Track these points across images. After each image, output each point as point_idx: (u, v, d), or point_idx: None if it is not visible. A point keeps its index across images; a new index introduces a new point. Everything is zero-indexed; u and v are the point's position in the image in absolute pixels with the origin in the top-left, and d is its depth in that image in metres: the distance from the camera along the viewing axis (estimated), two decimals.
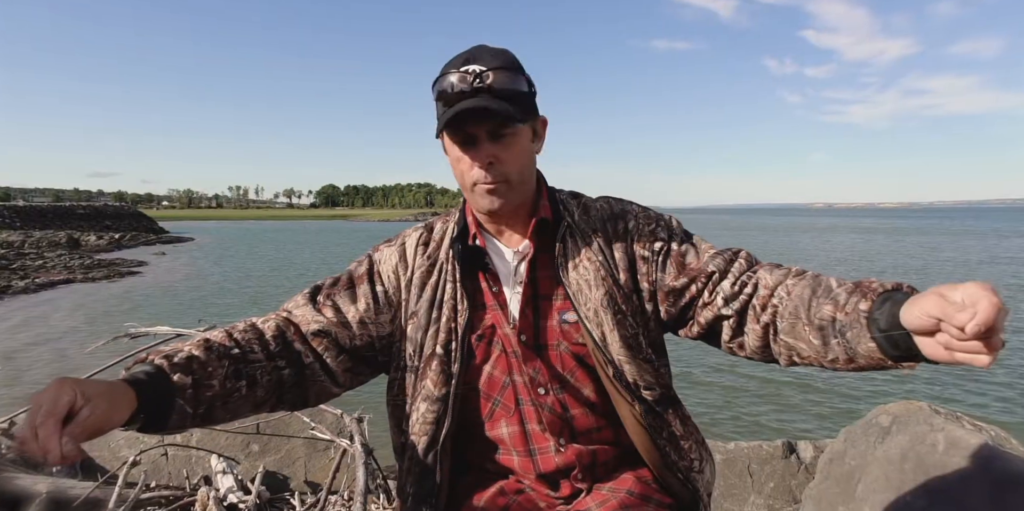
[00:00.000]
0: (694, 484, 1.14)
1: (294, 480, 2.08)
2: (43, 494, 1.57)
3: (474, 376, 1.09)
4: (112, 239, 39.95)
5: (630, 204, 1.18)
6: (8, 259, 25.99)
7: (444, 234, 1.15)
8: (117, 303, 16.86)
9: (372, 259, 1.16)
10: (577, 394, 1.10)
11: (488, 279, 1.10)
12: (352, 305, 1.09)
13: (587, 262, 1.07)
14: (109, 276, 23.08)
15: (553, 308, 1.09)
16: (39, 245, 33.46)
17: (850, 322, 0.84)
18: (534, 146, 1.08)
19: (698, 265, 1.07)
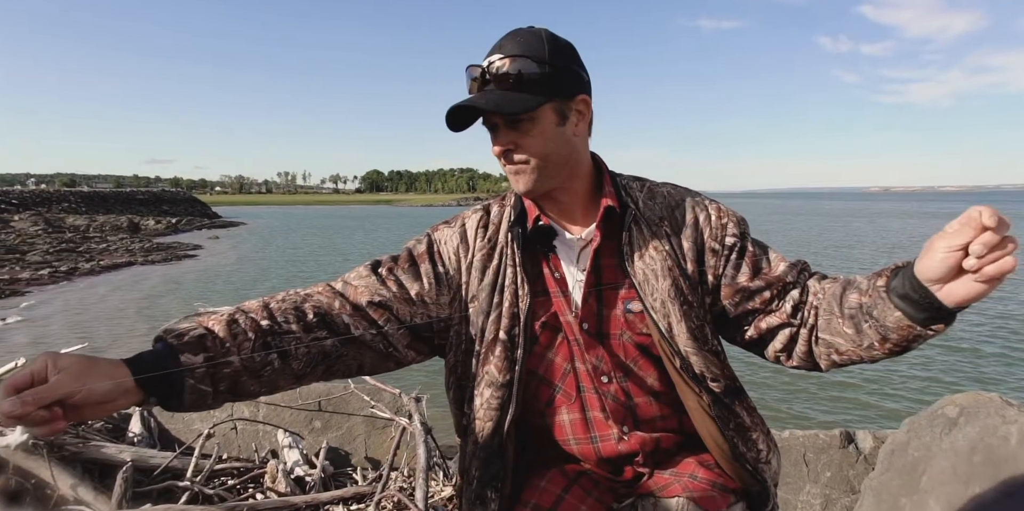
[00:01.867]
0: (762, 475, 1.13)
1: (355, 456, 2.15)
2: (127, 462, 1.67)
3: (536, 362, 1.09)
4: (169, 223, 41.58)
5: (698, 194, 1.15)
6: (75, 242, 27.39)
7: (502, 217, 1.14)
8: (176, 285, 17.60)
9: (432, 238, 1.14)
10: (641, 383, 1.09)
11: (550, 265, 1.09)
12: (415, 283, 1.08)
13: (653, 251, 1.06)
14: (167, 259, 24.09)
15: (618, 297, 1.07)
16: (102, 229, 35.12)
17: (874, 301, 0.88)
18: (566, 129, 1.03)
19: (774, 272, 1.06)
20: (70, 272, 19.80)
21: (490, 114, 1.00)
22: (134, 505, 1.55)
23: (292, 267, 21.60)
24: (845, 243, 27.87)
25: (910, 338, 0.87)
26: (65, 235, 30.94)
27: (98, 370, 0.77)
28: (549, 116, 1.01)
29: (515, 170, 1.02)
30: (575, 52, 1.05)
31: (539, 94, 0.98)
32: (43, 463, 1.50)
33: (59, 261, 21.69)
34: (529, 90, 0.98)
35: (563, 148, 1.03)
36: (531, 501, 1.11)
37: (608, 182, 1.11)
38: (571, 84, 1.03)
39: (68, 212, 46.01)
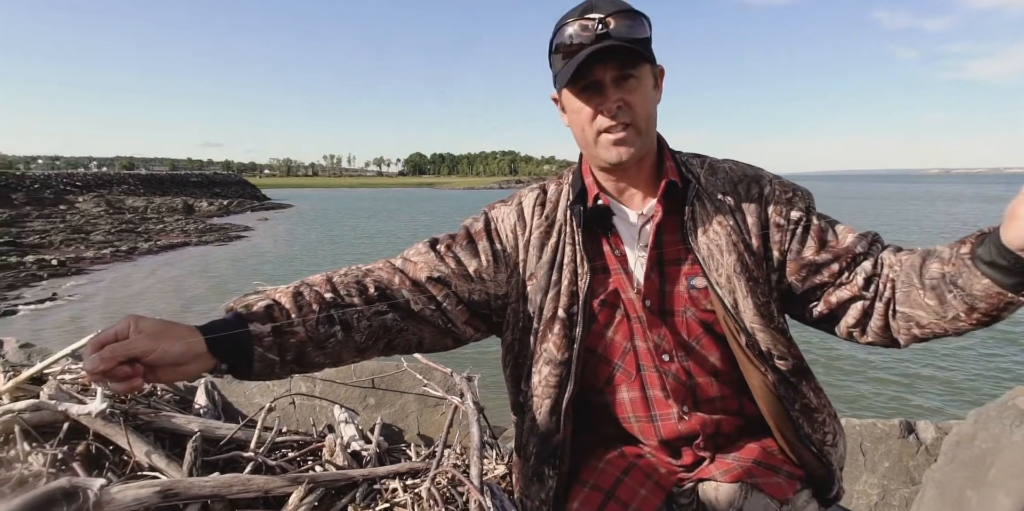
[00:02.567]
0: (828, 458, 1.10)
1: (407, 433, 2.20)
2: (196, 432, 1.74)
3: (595, 340, 1.07)
4: (221, 205, 42.95)
5: (760, 169, 1.11)
6: (134, 223, 28.60)
7: (560, 195, 1.12)
8: (229, 264, 18.23)
9: (489, 216, 1.14)
10: (703, 362, 1.07)
11: (610, 242, 1.07)
12: (473, 259, 1.08)
13: (717, 226, 1.03)
14: (220, 240, 24.93)
15: (681, 273, 1.05)
16: (159, 210, 36.53)
17: (958, 269, 0.84)
18: (656, 94, 1.04)
19: (842, 244, 1.02)
20: (130, 251, 20.72)
21: (608, 67, 0.97)
22: (202, 473, 1.61)
23: (338, 249, 22.08)
24: (902, 228, 26.77)
25: (1000, 306, 0.83)
26: (125, 216, 32.35)
27: (173, 332, 0.81)
28: (649, 78, 1.01)
29: (618, 138, 1.00)
30: None
31: (650, 51, 0.99)
32: (120, 430, 1.57)
33: (120, 241, 22.72)
34: (643, 45, 0.98)
35: (654, 113, 1.04)
36: (589, 481, 1.11)
37: (669, 157, 1.09)
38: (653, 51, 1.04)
39: (127, 194, 48.00)
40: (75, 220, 29.10)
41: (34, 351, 3.38)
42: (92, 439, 1.56)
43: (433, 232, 1.17)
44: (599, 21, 0.95)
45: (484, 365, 2.26)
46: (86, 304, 13.16)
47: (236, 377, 0.91)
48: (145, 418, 1.73)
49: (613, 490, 1.08)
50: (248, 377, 0.92)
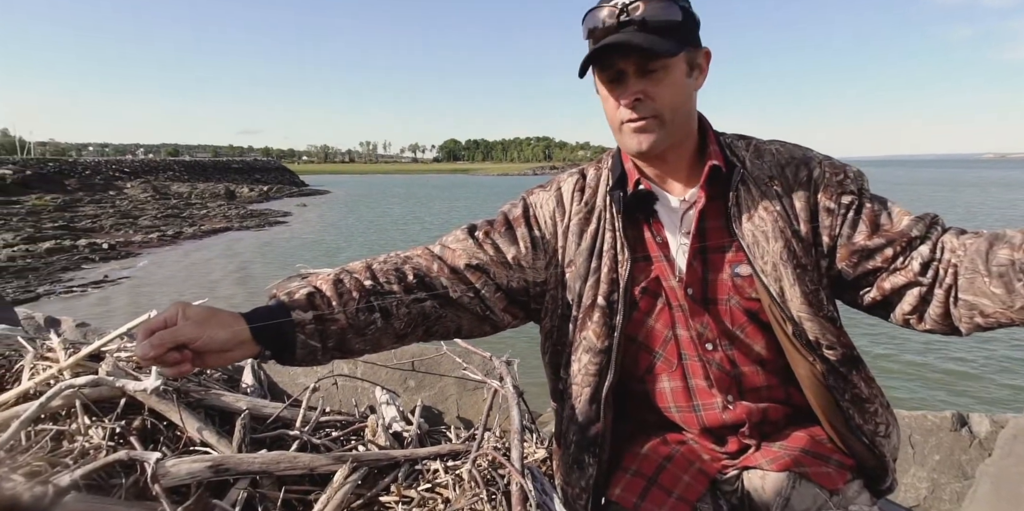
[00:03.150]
0: (880, 449, 1.06)
1: (447, 415, 2.22)
2: (244, 410, 1.79)
3: (635, 329, 1.05)
4: (261, 191, 43.89)
5: (810, 150, 1.06)
6: (179, 209, 29.47)
7: (599, 180, 1.10)
8: (269, 250, 18.66)
9: (527, 202, 1.12)
10: (748, 350, 1.04)
11: (651, 229, 1.05)
12: (512, 246, 1.07)
13: (763, 212, 0.99)
14: (260, 225, 25.52)
15: (724, 261, 1.02)
16: (203, 196, 37.54)
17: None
18: (691, 81, 0.99)
19: (896, 227, 0.97)
20: (175, 236, 21.39)
21: (630, 58, 0.94)
22: (250, 450, 1.66)
23: (374, 235, 22.37)
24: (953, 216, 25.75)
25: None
26: (170, 201, 33.35)
27: (218, 320, 0.83)
28: (681, 66, 0.96)
29: (639, 127, 0.97)
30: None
31: (677, 40, 0.94)
32: (172, 407, 1.63)
33: (166, 225, 23.46)
34: (669, 35, 0.93)
35: (688, 101, 0.99)
36: (631, 467, 1.09)
37: (713, 141, 1.05)
38: (697, 33, 0.99)
39: (172, 180, 49.46)
40: (124, 205, 30.15)
41: (89, 330, 3.52)
42: (147, 415, 1.62)
43: (468, 219, 1.16)
44: (622, 8, 0.92)
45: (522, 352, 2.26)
46: (135, 286, 13.66)
47: (280, 363, 0.93)
48: (196, 396, 1.79)
49: (656, 476, 1.07)
50: (291, 363, 0.93)
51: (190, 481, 1.45)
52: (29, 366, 1.66)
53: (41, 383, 1.56)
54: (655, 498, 1.05)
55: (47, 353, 1.74)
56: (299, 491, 1.58)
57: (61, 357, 1.68)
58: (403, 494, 1.60)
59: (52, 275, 14.70)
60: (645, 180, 1.06)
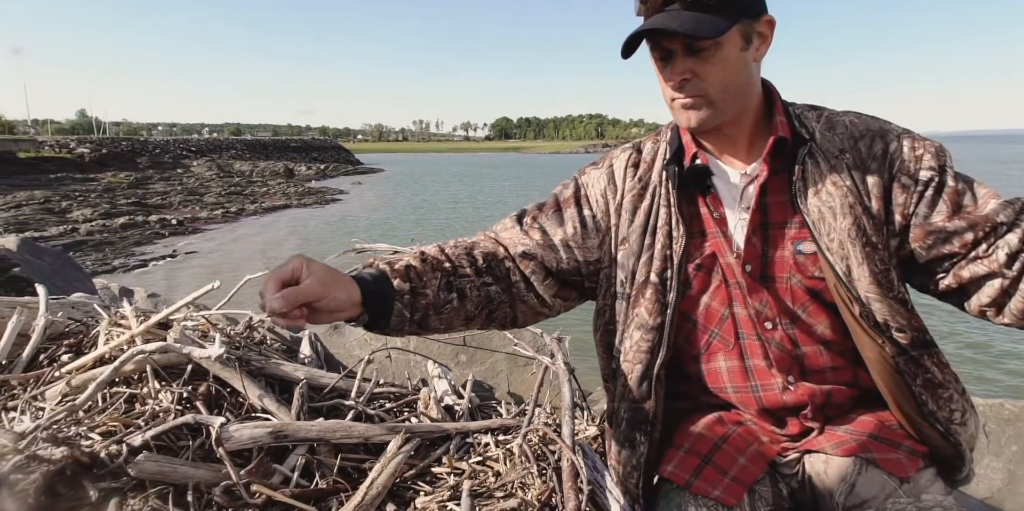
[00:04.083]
0: (956, 437, 1.00)
1: (498, 390, 2.24)
2: (302, 379, 1.84)
3: (690, 306, 1.02)
4: (318, 169, 45.01)
5: (888, 123, 0.99)
6: (241, 186, 30.55)
7: (656, 154, 1.06)
8: (326, 227, 19.17)
9: (579, 182, 1.11)
10: (810, 331, 0.99)
11: (709, 203, 1.01)
12: (559, 228, 1.07)
13: (832, 187, 0.94)
14: (318, 202, 26.22)
15: (786, 237, 0.97)
16: (263, 174, 38.77)
17: None
18: (748, 54, 0.94)
19: (981, 211, 0.89)
20: (238, 212, 22.24)
21: (675, 38, 0.90)
22: (308, 418, 1.71)
23: (426, 213, 22.64)
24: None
25: None
26: (233, 179, 34.60)
27: (340, 281, 0.86)
28: (735, 40, 0.91)
29: (688, 104, 0.94)
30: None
31: (728, 14, 0.89)
32: (235, 374, 1.69)
33: (229, 202, 24.40)
34: (718, 10, 0.88)
35: (742, 76, 0.95)
36: (684, 444, 1.07)
37: (780, 111, 0.99)
38: (757, 1, 0.94)
39: (235, 158, 51.24)
40: (190, 183, 31.47)
41: (160, 300, 3.72)
42: (212, 381, 1.69)
43: (518, 197, 1.17)
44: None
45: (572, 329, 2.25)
46: (201, 260, 14.30)
47: (368, 329, 0.96)
48: (257, 364, 1.85)
49: (711, 455, 1.04)
50: (378, 329, 0.97)
51: (252, 445, 1.50)
52: (104, 332, 1.76)
53: (115, 348, 1.65)
54: (709, 477, 1.02)
55: (120, 320, 1.83)
56: (354, 459, 1.62)
57: (133, 324, 1.76)
58: (455, 466, 1.61)
59: (126, 249, 15.58)
60: (703, 154, 1.02)
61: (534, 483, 1.50)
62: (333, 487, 1.49)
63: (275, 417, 1.66)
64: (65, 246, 15.16)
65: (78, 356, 1.69)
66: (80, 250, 15.03)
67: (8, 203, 20.71)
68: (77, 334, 1.83)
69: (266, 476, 1.47)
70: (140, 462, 1.30)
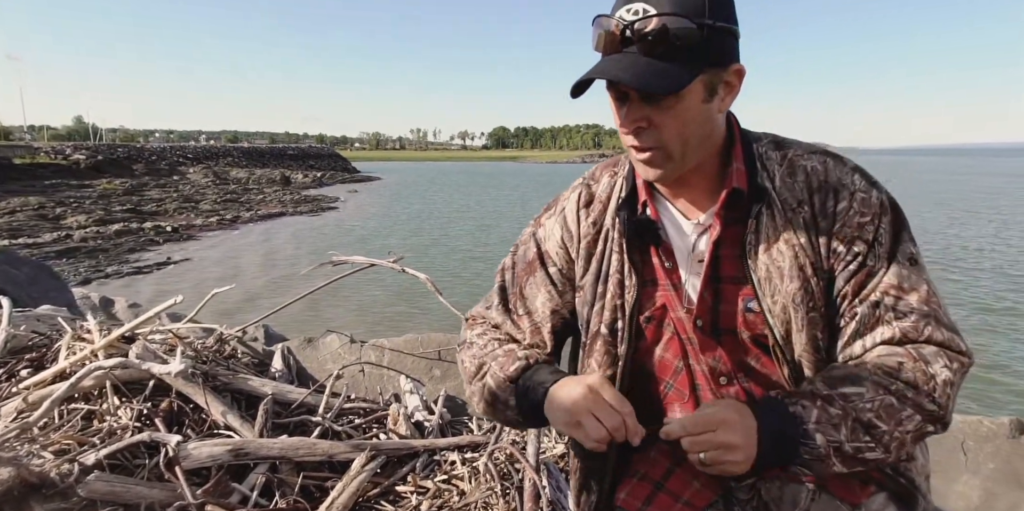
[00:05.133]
0: (907, 475, 0.98)
1: (471, 406, 2.21)
2: (268, 395, 1.82)
3: (645, 357, 0.99)
4: (315, 177, 44.97)
5: (849, 173, 0.92)
6: (237, 194, 30.52)
7: (611, 192, 1.01)
8: (319, 234, 19.14)
9: (537, 238, 1.07)
10: (765, 381, 0.96)
11: (660, 253, 0.96)
12: (538, 301, 1.04)
13: (784, 245, 0.89)
14: (313, 210, 26.18)
15: (739, 293, 0.93)
16: (260, 182, 38.75)
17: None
18: (712, 105, 0.86)
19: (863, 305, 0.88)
20: (233, 220, 22.19)
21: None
22: (273, 434, 1.68)
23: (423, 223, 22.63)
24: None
25: None
26: (229, 187, 34.57)
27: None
28: (698, 91, 0.83)
29: (644, 158, 0.88)
30: (733, 1, 0.86)
31: (692, 64, 0.81)
32: (199, 390, 1.66)
33: (224, 210, 24.34)
34: (681, 58, 0.80)
35: (703, 128, 0.88)
36: (640, 471, 1.05)
37: (739, 157, 0.93)
38: (728, 49, 0.85)
39: (232, 166, 51.24)
40: (186, 190, 31.43)
41: (140, 310, 3.68)
42: (175, 397, 1.66)
43: (518, 209, 1.13)
44: (625, 26, 0.81)
45: None
46: (194, 268, 14.24)
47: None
48: (224, 379, 1.83)
49: (663, 481, 1.02)
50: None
51: (211, 464, 1.48)
52: (66, 346, 1.73)
53: (75, 363, 1.62)
54: (661, 503, 1.00)
55: (84, 334, 1.81)
56: (317, 477, 1.59)
57: (96, 338, 1.74)
58: (419, 485, 1.59)
59: (120, 256, 15.49)
60: (653, 202, 0.96)
61: (497, 503, 1.48)
62: (293, 507, 1.47)
63: (238, 434, 1.64)
64: (58, 253, 15.09)
65: (38, 371, 1.66)
66: (73, 257, 14.95)
67: (2, 209, 20.64)
68: (40, 348, 1.81)
69: (224, 495, 1.45)
70: (90, 482, 1.28)
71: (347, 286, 9.51)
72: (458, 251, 15.13)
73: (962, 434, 2.47)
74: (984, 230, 18.75)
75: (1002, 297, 10.30)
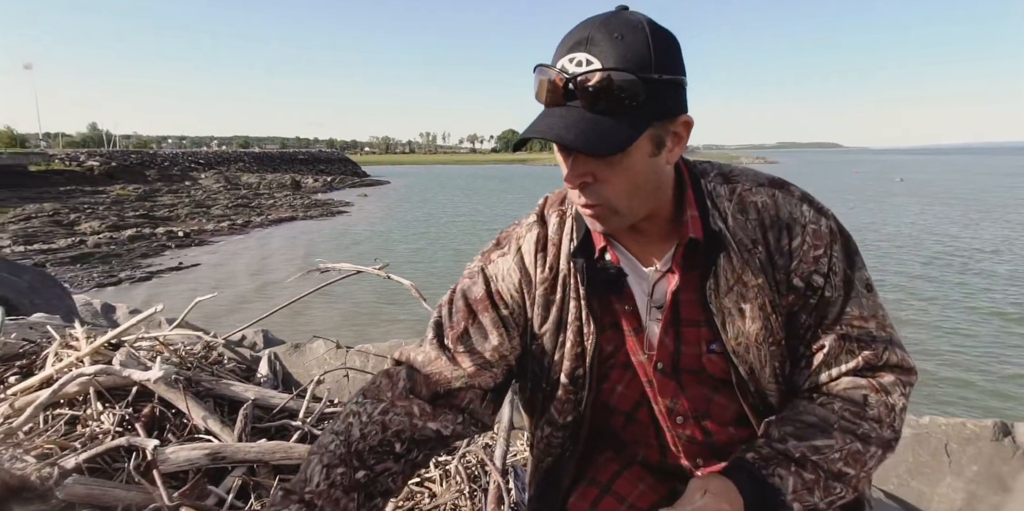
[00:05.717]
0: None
1: None
2: (250, 399, 1.87)
3: (607, 396, 1.02)
4: (325, 182, 45.29)
5: (798, 205, 0.93)
6: (248, 198, 30.81)
7: (562, 235, 0.99)
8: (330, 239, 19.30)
9: (487, 275, 1.01)
10: (720, 419, 0.99)
11: (620, 299, 0.96)
12: (485, 342, 0.97)
13: (743, 287, 0.90)
14: (323, 215, 26.38)
15: (699, 336, 0.94)
16: (270, 186, 39.07)
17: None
18: (660, 159, 0.84)
19: (825, 337, 0.92)
20: (244, 225, 22.42)
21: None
22: (252, 439, 1.73)
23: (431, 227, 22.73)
24: None
25: None
26: (240, 192, 34.91)
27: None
28: (644, 146, 0.81)
29: (590, 213, 0.86)
30: (680, 51, 0.82)
31: (638, 119, 0.78)
32: (180, 396, 1.72)
33: (236, 215, 24.61)
34: (627, 113, 0.78)
35: (651, 182, 0.86)
36: (589, 475, 1.09)
37: (691, 204, 0.92)
38: (675, 101, 0.82)
39: (243, 171, 51.71)
40: (198, 195, 31.78)
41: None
42: (157, 403, 1.72)
43: (524, 212, 1.06)
44: (567, 79, 0.78)
45: None
46: (204, 273, 14.43)
47: None
48: (206, 385, 1.88)
49: (610, 484, 1.06)
50: None
51: (188, 467, 1.53)
52: (54, 353, 1.79)
53: (61, 370, 1.68)
54: (607, 505, 1.04)
55: (72, 341, 1.87)
56: None
57: (83, 345, 1.80)
58: None
59: (133, 261, 15.73)
60: (612, 248, 0.96)
61: (465, 504, 1.52)
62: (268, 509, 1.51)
63: (218, 438, 1.69)
64: (72, 258, 15.34)
65: (27, 377, 1.73)
66: (87, 262, 15.20)
67: (18, 216, 21.01)
68: (31, 355, 1.87)
69: (201, 498, 1.50)
70: (69, 485, 1.33)
71: (335, 292, 9.64)
72: (465, 255, 15.23)
73: (945, 436, 2.47)
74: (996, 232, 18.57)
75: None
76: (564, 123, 0.78)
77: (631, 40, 0.77)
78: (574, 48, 0.78)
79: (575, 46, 0.78)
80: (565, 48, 0.79)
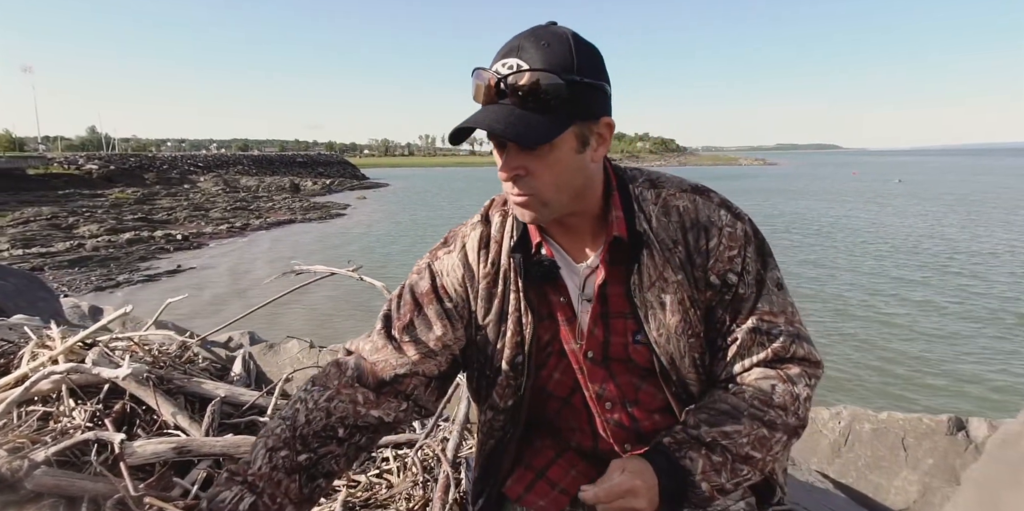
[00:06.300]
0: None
1: None
2: (219, 396, 1.94)
3: (544, 382, 1.09)
4: (324, 184, 45.40)
5: (716, 209, 1.02)
6: (247, 201, 30.91)
7: (503, 233, 1.07)
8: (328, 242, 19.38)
9: (433, 270, 1.09)
10: (647, 407, 1.07)
11: (554, 290, 1.05)
12: (429, 332, 1.05)
13: (664, 283, 0.99)
14: (322, 217, 26.48)
15: (625, 327, 1.03)
16: (269, 189, 39.18)
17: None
18: (585, 155, 0.93)
19: (738, 332, 1.00)
20: (243, 227, 22.52)
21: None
22: (220, 434, 1.80)
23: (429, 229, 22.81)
24: None
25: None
26: (239, 195, 35.01)
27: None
28: (569, 142, 0.91)
29: (520, 202, 0.95)
30: (603, 61, 0.93)
31: (562, 116, 0.88)
32: (150, 393, 1.79)
33: (234, 217, 24.71)
34: (552, 110, 0.87)
35: (577, 178, 0.95)
36: (527, 461, 1.16)
37: (617, 205, 1.01)
38: (597, 103, 0.92)
39: (242, 174, 51.81)
40: (197, 198, 31.90)
41: (127, 319, 3.83)
42: (128, 400, 1.79)
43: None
44: (499, 79, 0.88)
45: None
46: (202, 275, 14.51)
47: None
48: (178, 383, 1.95)
49: (544, 470, 1.14)
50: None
51: (155, 460, 1.60)
52: (29, 353, 1.87)
53: (35, 369, 1.76)
54: (540, 490, 1.12)
55: (48, 341, 1.95)
56: None
57: (57, 345, 1.87)
58: (352, 479, 1.70)
59: (131, 264, 15.82)
60: (547, 243, 1.05)
61: (418, 493, 1.59)
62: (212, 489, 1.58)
63: (187, 433, 1.76)
64: (71, 262, 15.44)
65: (2, 376, 1.80)
66: (86, 266, 15.29)
67: (16, 219, 21.10)
68: (8, 355, 1.95)
69: (166, 489, 1.57)
70: (38, 476, 1.40)
71: (319, 293, 9.74)
72: None
73: (902, 431, 2.55)
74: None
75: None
76: (496, 117, 0.88)
77: (556, 48, 0.87)
78: (507, 54, 0.89)
79: (507, 53, 0.89)
80: (500, 55, 0.90)
